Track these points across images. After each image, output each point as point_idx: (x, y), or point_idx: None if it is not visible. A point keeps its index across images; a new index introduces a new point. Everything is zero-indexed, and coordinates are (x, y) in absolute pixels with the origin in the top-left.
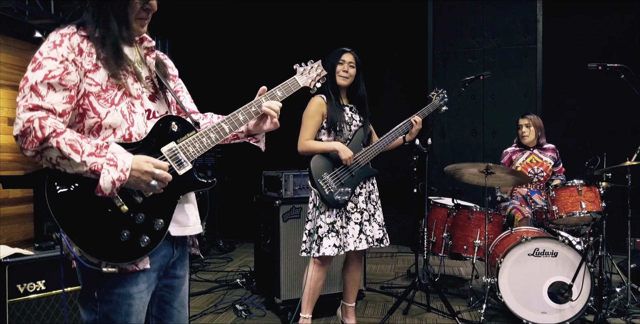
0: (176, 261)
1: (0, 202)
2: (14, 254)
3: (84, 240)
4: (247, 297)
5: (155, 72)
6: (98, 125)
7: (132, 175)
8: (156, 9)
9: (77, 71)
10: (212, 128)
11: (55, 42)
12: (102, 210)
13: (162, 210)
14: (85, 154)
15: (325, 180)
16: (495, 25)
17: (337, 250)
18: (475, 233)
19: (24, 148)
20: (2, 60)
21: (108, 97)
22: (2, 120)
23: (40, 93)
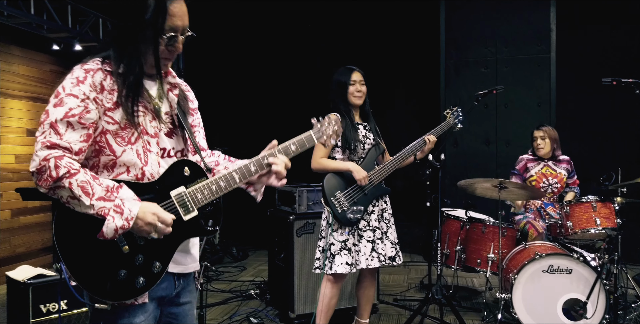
0: (180, 291)
1: (19, 211)
2: (37, 275)
3: (82, 275)
4: (261, 309)
5: (176, 109)
6: (113, 162)
7: (136, 223)
8: (181, 51)
9: (97, 109)
10: (223, 177)
11: (79, 78)
12: (104, 248)
13: (162, 253)
14: (94, 197)
15: (338, 198)
16: (508, 35)
17: (349, 267)
18: (488, 247)
19: (38, 184)
20: (21, 73)
21: (125, 136)
22: (22, 131)
23: (59, 131)
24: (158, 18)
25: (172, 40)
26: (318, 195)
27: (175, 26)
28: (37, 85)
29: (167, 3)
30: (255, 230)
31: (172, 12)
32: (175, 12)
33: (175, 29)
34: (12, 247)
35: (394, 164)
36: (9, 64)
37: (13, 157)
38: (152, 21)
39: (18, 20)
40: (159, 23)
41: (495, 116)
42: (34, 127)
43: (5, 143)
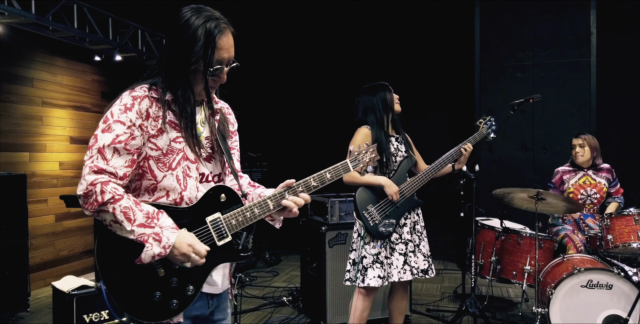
0: (215, 309)
1: (62, 216)
2: (81, 286)
3: (119, 295)
4: (294, 317)
5: (217, 134)
6: (153, 186)
7: (172, 252)
8: (225, 81)
9: (142, 135)
10: (257, 204)
11: (127, 105)
12: (141, 270)
13: (195, 277)
14: (135, 223)
15: (370, 211)
16: (546, 38)
17: (382, 281)
18: (524, 259)
19: (84, 207)
20: (65, 83)
21: (167, 161)
22: (65, 139)
23: (106, 156)
24: (207, 51)
25: (217, 71)
26: (350, 206)
27: (222, 58)
28: (80, 95)
29: (216, 37)
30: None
31: (220, 46)
32: (222, 45)
33: (222, 61)
34: (56, 250)
35: (427, 175)
36: (54, 75)
37: (57, 164)
38: (201, 54)
39: (62, 34)
40: (207, 57)
41: (532, 122)
42: (77, 134)
43: (50, 151)
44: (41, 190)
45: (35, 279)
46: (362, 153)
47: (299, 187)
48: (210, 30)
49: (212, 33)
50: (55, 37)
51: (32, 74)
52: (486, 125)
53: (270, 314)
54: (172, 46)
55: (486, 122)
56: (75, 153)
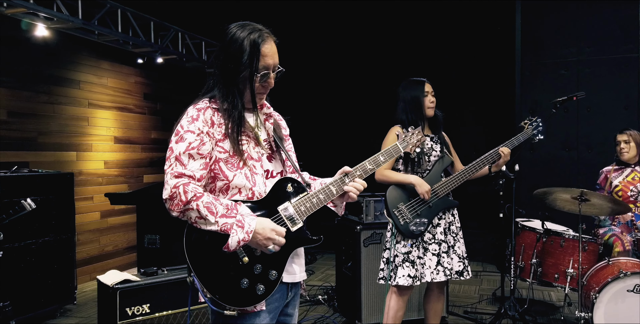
0: (291, 300)
1: (107, 213)
2: (124, 280)
3: (211, 285)
4: (329, 316)
5: (273, 136)
6: (226, 186)
7: (255, 237)
8: (273, 86)
9: (210, 141)
10: (322, 190)
11: (193, 117)
12: (227, 260)
13: (276, 262)
14: (218, 215)
15: (401, 210)
16: (591, 34)
17: (411, 280)
18: (567, 262)
19: (170, 209)
20: (110, 85)
21: (234, 162)
22: (110, 139)
23: (183, 162)
24: (253, 59)
25: (264, 77)
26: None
27: (267, 65)
28: (124, 96)
29: (260, 45)
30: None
31: (264, 53)
32: (266, 53)
33: (267, 67)
34: (101, 246)
35: (463, 176)
36: (99, 77)
37: (102, 163)
38: (248, 63)
39: (107, 38)
40: (254, 64)
41: (577, 120)
42: (120, 134)
43: (95, 150)
44: (87, 188)
45: (81, 274)
46: (409, 135)
47: (357, 171)
48: (254, 40)
49: (256, 42)
50: (101, 41)
51: (79, 77)
52: (532, 125)
53: (306, 312)
54: (223, 60)
55: (532, 123)
56: (119, 152)
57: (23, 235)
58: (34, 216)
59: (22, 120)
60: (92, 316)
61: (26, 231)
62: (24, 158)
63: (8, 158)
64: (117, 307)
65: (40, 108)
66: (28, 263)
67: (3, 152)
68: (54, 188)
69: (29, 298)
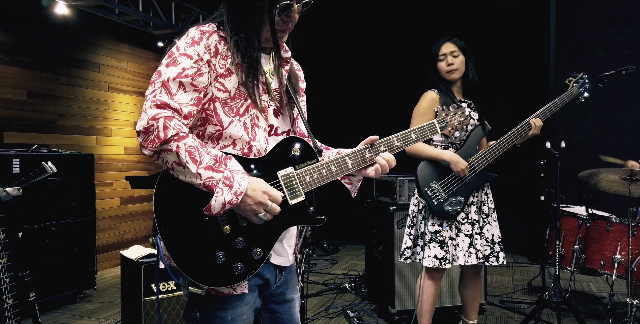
0: (282, 285)
1: (127, 200)
2: (149, 255)
3: (178, 253)
4: (357, 303)
5: (286, 85)
6: (219, 134)
7: (244, 200)
8: (296, 21)
9: (210, 73)
10: (335, 161)
11: (194, 39)
12: (204, 225)
13: (264, 239)
14: (202, 166)
15: (434, 189)
16: (630, 12)
17: (438, 262)
18: (614, 247)
19: (143, 145)
20: (130, 69)
21: (234, 106)
22: (130, 124)
23: (171, 90)
24: None
25: (286, 9)
26: None
27: None
28: (144, 81)
29: None
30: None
31: None
32: None
33: None
34: (120, 233)
35: (500, 149)
36: (119, 61)
37: (122, 148)
38: None
39: (127, 18)
40: None
41: (615, 104)
42: None
43: (115, 135)
44: (107, 173)
45: (101, 261)
46: (451, 114)
47: (381, 146)
48: None
49: None
50: (121, 21)
51: (98, 59)
52: (577, 83)
53: (333, 299)
54: None
55: (577, 80)
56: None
57: (43, 216)
58: (54, 197)
59: (42, 101)
60: (112, 301)
61: (46, 212)
62: (44, 141)
63: (27, 140)
64: (142, 283)
65: (60, 90)
66: (48, 245)
67: (23, 134)
68: (74, 169)
69: (48, 281)
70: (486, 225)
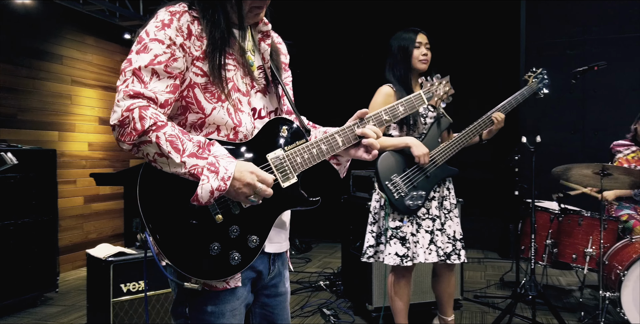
0: (275, 277)
1: (91, 198)
2: (118, 253)
3: (170, 248)
4: (333, 301)
5: (270, 62)
6: (201, 121)
7: (233, 184)
8: None
9: (185, 57)
10: (325, 139)
11: (164, 21)
12: (195, 217)
13: (259, 225)
14: (185, 154)
15: (395, 182)
16: (598, 12)
17: (399, 259)
18: (586, 241)
19: (120, 139)
20: (94, 62)
21: (215, 92)
22: (94, 119)
23: (143, 79)
24: None
25: None
26: None
27: None
28: (109, 75)
29: None
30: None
31: None
32: None
33: None
34: (84, 233)
35: (461, 142)
36: (83, 53)
37: (86, 145)
38: None
39: (92, 8)
40: None
41: (583, 102)
42: (106, 115)
43: (79, 131)
44: (70, 171)
45: (63, 262)
46: (436, 84)
47: (370, 121)
48: None
49: None
50: (85, 10)
51: (61, 51)
52: (537, 78)
53: (308, 298)
54: None
55: (537, 75)
56: (105, 134)
57: (0, 214)
58: (13, 195)
59: (0, 94)
60: (76, 304)
61: (3, 211)
62: (2, 136)
63: None
64: (111, 283)
65: (20, 82)
66: (6, 245)
67: None
68: (35, 165)
69: (6, 284)
70: (448, 221)
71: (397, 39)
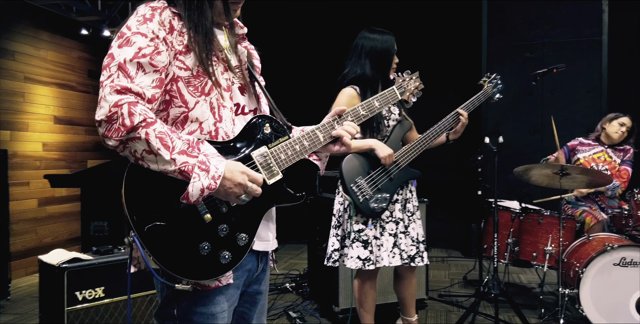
0: (259, 274)
1: (46, 201)
2: (72, 259)
3: (159, 250)
4: (299, 303)
5: (247, 63)
6: (184, 116)
7: (223, 184)
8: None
9: (168, 51)
10: (306, 135)
11: (146, 16)
12: (183, 216)
13: (247, 223)
14: (175, 151)
15: (360, 184)
16: (556, 16)
17: (361, 263)
18: (545, 239)
19: (107, 135)
20: (49, 58)
21: (199, 85)
22: (49, 118)
23: (130, 73)
24: None
25: None
26: None
27: None
28: (65, 72)
29: None
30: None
31: None
32: None
33: None
34: (38, 237)
35: (423, 143)
36: (37, 49)
37: (40, 145)
38: None
39: (46, 2)
40: None
41: (541, 104)
42: (61, 114)
43: (32, 130)
44: (23, 172)
45: (16, 268)
46: (407, 80)
47: (348, 117)
48: None
49: None
50: (39, 4)
51: (14, 47)
52: (491, 83)
53: (273, 300)
54: None
55: (491, 80)
56: (60, 134)
57: None
58: None
59: None
60: (29, 312)
61: None
62: None
63: None
64: (65, 290)
65: None
66: None
67: None
68: None
69: None
70: (411, 223)
71: (376, 40)
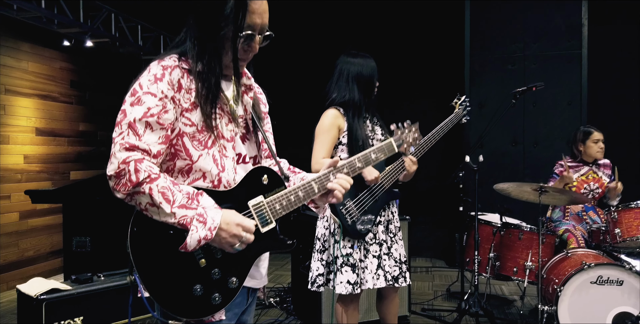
0: (247, 308)
1: (27, 214)
2: (51, 290)
3: (156, 289)
4: (283, 319)
5: (251, 113)
6: (189, 167)
7: (219, 234)
8: (257, 51)
9: (175, 109)
10: (301, 187)
11: (157, 76)
12: (180, 261)
13: (239, 268)
14: (175, 205)
15: (348, 207)
16: (536, 30)
17: (351, 287)
18: (525, 255)
19: (116, 189)
20: (30, 69)
21: (202, 139)
22: (31, 130)
23: (138, 131)
24: (238, 14)
25: (248, 39)
26: None
27: (254, 24)
28: (47, 83)
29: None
30: None
31: (252, 9)
32: (255, 9)
33: (254, 27)
34: (20, 251)
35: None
36: (18, 61)
37: (22, 157)
38: (232, 18)
39: (28, 15)
40: (238, 19)
41: (523, 115)
42: (43, 126)
43: (13, 143)
44: (3, 185)
45: None
46: (406, 132)
47: (344, 169)
48: None
49: None
50: (20, 17)
51: None
52: (462, 105)
53: (257, 316)
54: (200, 8)
55: (461, 103)
56: (42, 146)
57: None
58: None
59: None
60: None
61: None
62: None
63: None
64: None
65: None
66: None
67: None
68: None
69: None
70: (394, 244)
71: (361, 66)
